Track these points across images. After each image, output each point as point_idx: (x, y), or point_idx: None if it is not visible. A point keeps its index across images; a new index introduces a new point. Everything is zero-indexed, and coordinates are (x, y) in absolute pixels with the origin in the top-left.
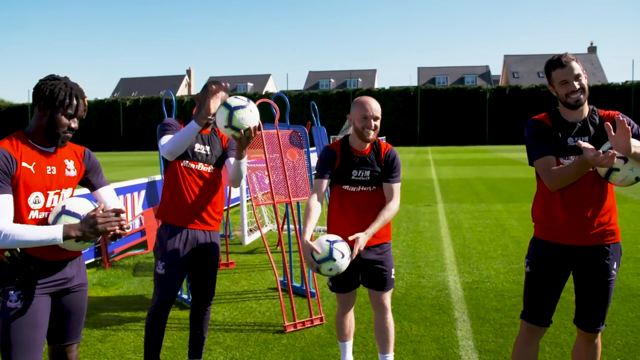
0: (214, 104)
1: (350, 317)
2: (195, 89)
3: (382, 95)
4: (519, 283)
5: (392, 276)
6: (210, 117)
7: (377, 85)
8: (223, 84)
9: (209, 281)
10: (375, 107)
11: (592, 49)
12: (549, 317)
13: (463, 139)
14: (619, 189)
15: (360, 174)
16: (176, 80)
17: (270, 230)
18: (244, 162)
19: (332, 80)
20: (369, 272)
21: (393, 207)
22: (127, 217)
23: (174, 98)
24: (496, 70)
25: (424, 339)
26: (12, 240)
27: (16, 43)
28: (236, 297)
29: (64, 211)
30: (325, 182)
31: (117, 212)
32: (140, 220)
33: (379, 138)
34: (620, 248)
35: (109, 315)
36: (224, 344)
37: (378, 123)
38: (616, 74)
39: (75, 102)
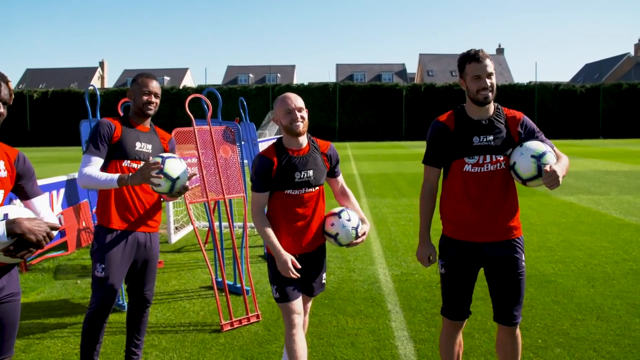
0: (160, 181)
1: (302, 334)
2: (109, 82)
3: (301, 91)
4: None
5: (324, 281)
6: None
7: (296, 81)
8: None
9: (149, 284)
10: (295, 98)
11: (500, 51)
12: (467, 311)
13: (380, 134)
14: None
15: (304, 175)
16: (88, 73)
17: (198, 227)
18: None
19: (251, 76)
20: (305, 278)
21: (352, 197)
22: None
23: (97, 92)
24: (412, 68)
25: (361, 332)
26: None
27: None
28: (168, 297)
29: (6, 219)
30: (266, 196)
31: (51, 227)
32: (60, 220)
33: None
34: (523, 240)
35: (31, 323)
36: (160, 346)
37: (304, 114)
38: (522, 74)
39: None
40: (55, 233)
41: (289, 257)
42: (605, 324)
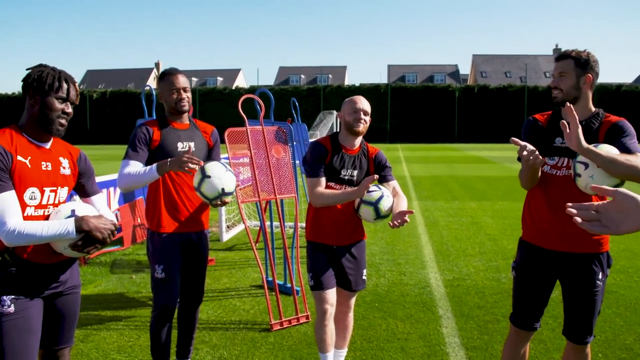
0: (184, 165)
1: (332, 323)
2: None
3: (352, 92)
4: (499, 280)
5: (364, 277)
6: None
7: (348, 82)
8: (198, 162)
9: (199, 282)
10: (364, 102)
11: (557, 51)
12: (537, 322)
13: (432, 136)
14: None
15: (349, 173)
16: (144, 73)
17: (250, 226)
18: None
19: (303, 76)
20: (342, 272)
21: (404, 198)
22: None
23: (154, 93)
24: (465, 69)
25: (411, 337)
26: (28, 237)
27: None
28: (219, 294)
29: (74, 215)
30: (323, 180)
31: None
32: (117, 217)
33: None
34: (609, 257)
35: (88, 315)
36: (211, 342)
37: (368, 119)
38: None
39: (65, 85)
40: (114, 230)
41: (366, 180)
42: None
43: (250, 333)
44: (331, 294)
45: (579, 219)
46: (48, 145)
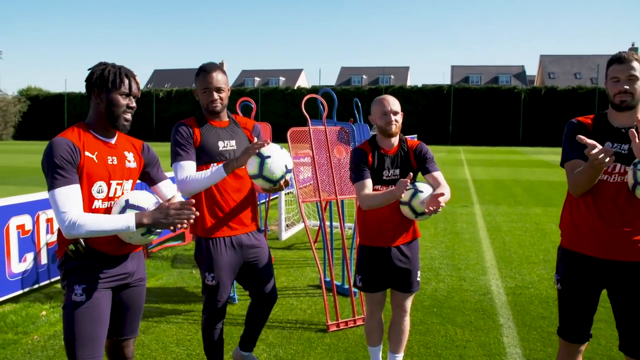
0: (250, 159)
1: (381, 320)
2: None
3: (414, 93)
4: None
5: (418, 278)
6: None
7: (410, 82)
8: (265, 142)
9: (269, 281)
10: (392, 102)
11: (634, 50)
12: (587, 334)
13: (496, 139)
14: None
15: (391, 173)
16: None
17: (309, 226)
18: None
19: (364, 77)
20: (395, 272)
21: (447, 187)
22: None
23: None
24: (532, 70)
25: (470, 344)
26: (87, 229)
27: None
28: None
29: (128, 205)
30: (370, 182)
31: (184, 205)
32: None
33: (408, 137)
34: None
35: (150, 307)
36: (267, 340)
37: (399, 117)
38: None
39: (126, 80)
40: (188, 211)
41: (399, 182)
42: None
43: (307, 333)
44: (378, 295)
45: None
46: (113, 141)
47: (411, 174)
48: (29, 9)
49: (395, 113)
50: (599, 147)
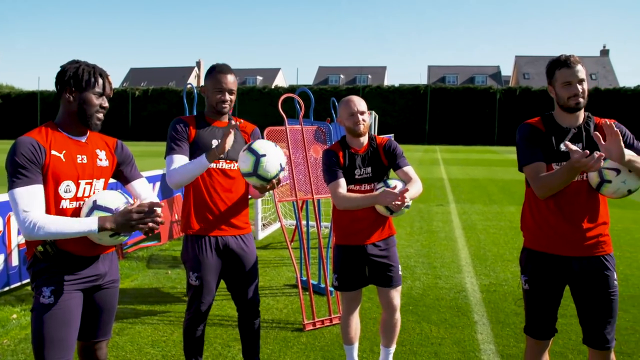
0: (229, 142)
1: (357, 318)
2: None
3: (391, 93)
4: None
5: (400, 272)
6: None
7: (387, 82)
8: (236, 122)
9: (252, 287)
10: (358, 102)
11: (605, 52)
12: (553, 329)
13: (471, 138)
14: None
15: (363, 171)
16: (186, 72)
17: (285, 225)
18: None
19: (342, 76)
20: (375, 269)
21: (417, 182)
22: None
23: (195, 91)
24: (507, 70)
25: (445, 342)
26: (46, 231)
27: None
28: None
29: (96, 206)
30: (343, 182)
31: (152, 207)
32: None
33: (386, 136)
34: (614, 258)
35: (125, 308)
36: None
37: (366, 117)
38: (629, 78)
39: (100, 80)
40: (159, 210)
41: (386, 191)
42: None
43: (283, 332)
44: (354, 294)
45: None
46: (84, 139)
47: (398, 185)
48: (1, 7)
49: (362, 113)
50: (586, 152)
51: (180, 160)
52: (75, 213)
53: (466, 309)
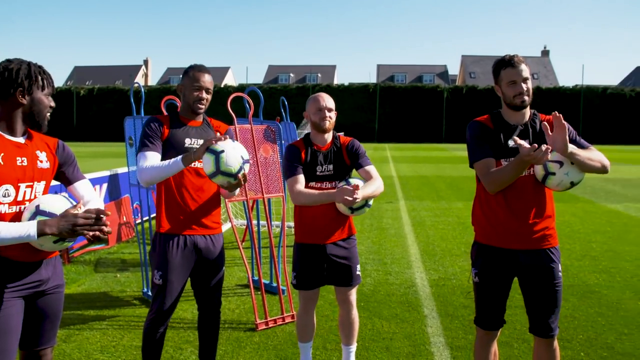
0: (205, 159)
1: (313, 317)
2: (152, 80)
3: (341, 92)
4: None
5: (358, 272)
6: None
7: (337, 81)
8: (222, 137)
9: (214, 288)
10: (327, 99)
11: (546, 53)
12: (501, 320)
13: (420, 136)
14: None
15: (325, 168)
16: (133, 70)
17: (236, 225)
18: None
19: (292, 75)
20: (335, 268)
21: (378, 180)
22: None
23: (142, 90)
24: (454, 69)
25: (396, 336)
26: None
27: None
28: None
29: (39, 211)
30: (302, 178)
31: (99, 214)
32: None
33: (339, 133)
34: (559, 250)
35: (72, 314)
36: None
37: (332, 115)
38: (568, 77)
39: (50, 80)
40: (105, 218)
41: (342, 188)
42: None
43: (236, 333)
44: (312, 293)
45: None
46: (23, 140)
47: (359, 184)
48: None
49: (330, 110)
50: (534, 145)
51: (153, 157)
52: (16, 218)
53: (416, 303)
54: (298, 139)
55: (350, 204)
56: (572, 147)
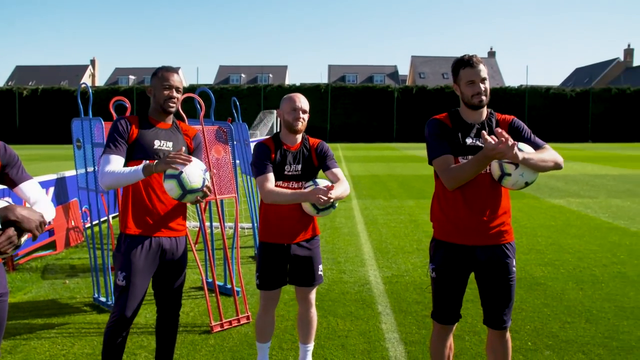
0: (168, 166)
1: (273, 317)
2: (100, 80)
3: (292, 92)
4: None
5: (320, 272)
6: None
7: (288, 81)
8: (185, 161)
9: (176, 290)
10: (303, 100)
11: (492, 54)
12: (457, 314)
13: (372, 136)
14: None
15: (293, 168)
16: (79, 70)
17: (189, 227)
18: None
19: (243, 75)
20: (298, 268)
21: (345, 183)
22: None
23: (89, 90)
24: (404, 70)
25: (351, 334)
26: None
27: None
28: None
29: None
30: (272, 176)
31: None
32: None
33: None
34: (515, 245)
35: (17, 324)
36: (149, 347)
37: (306, 117)
38: (513, 78)
39: None
40: (45, 226)
41: (316, 188)
42: (594, 326)
43: (190, 336)
44: (274, 293)
45: None
46: None
47: (334, 185)
48: None
49: (305, 112)
50: (495, 141)
51: (115, 161)
52: None
53: (370, 300)
54: (264, 138)
55: (325, 203)
56: (524, 153)
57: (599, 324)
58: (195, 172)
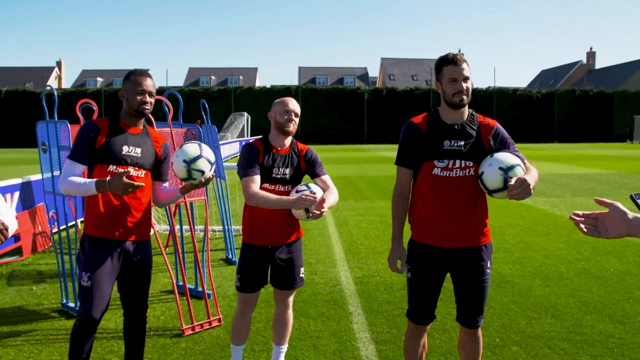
0: (124, 190)
1: (249, 320)
2: (67, 82)
3: (263, 94)
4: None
5: (302, 275)
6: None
7: (259, 83)
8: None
9: (141, 292)
10: (295, 104)
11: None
12: (432, 315)
13: (342, 138)
14: None
15: (281, 172)
16: (44, 72)
17: (159, 231)
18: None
19: (213, 77)
20: (279, 271)
21: (335, 190)
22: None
23: (55, 93)
24: (374, 72)
25: (323, 334)
26: None
27: None
28: None
29: None
30: (258, 179)
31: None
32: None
33: (257, 137)
34: (492, 247)
35: None
36: (120, 352)
37: (297, 120)
38: (481, 79)
39: None
40: (8, 233)
41: (301, 197)
42: (559, 321)
43: (162, 339)
44: (254, 296)
45: (583, 227)
46: None
47: (324, 197)
48: None
49: (296, 115)
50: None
51: (76, 168)
52: None
53: (342, 301)
54: (252, 139)
55: (317, 217)
56: (529, 180)
57: (564, 319)
58: (205, 163)
